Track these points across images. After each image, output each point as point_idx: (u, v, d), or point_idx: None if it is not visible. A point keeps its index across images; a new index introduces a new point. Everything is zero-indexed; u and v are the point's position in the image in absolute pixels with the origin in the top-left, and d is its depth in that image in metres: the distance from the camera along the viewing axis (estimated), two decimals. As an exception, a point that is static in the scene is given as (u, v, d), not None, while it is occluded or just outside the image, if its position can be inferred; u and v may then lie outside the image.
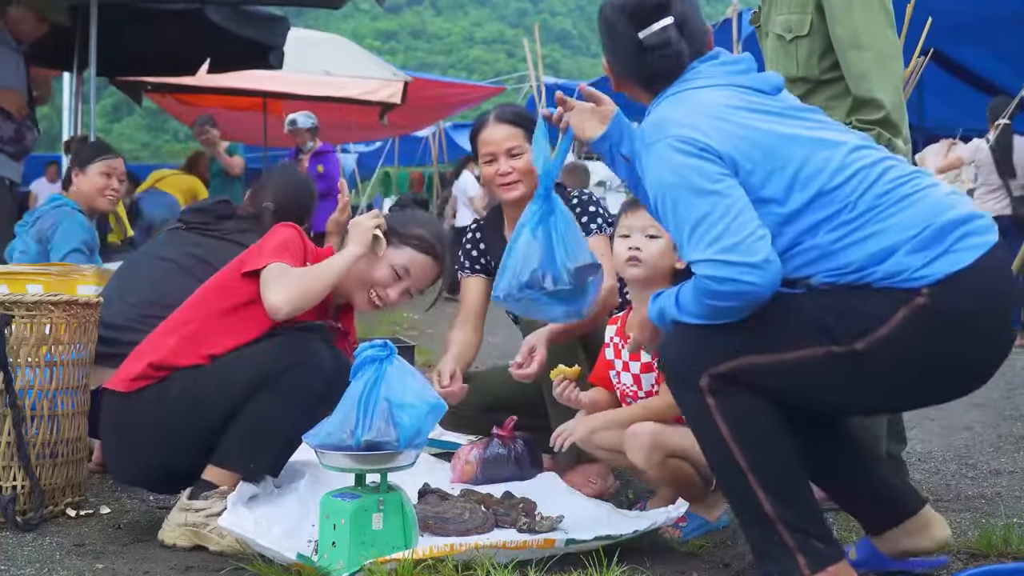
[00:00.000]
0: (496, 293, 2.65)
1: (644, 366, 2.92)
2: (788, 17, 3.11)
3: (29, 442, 2.90)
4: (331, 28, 24.11)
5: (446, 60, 52.51)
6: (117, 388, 2.75)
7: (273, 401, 2.67)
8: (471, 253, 3.53)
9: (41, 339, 2.94)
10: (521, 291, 2.58)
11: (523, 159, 3.29)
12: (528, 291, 2.57)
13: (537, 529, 2.63)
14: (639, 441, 2.74)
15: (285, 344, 2.72)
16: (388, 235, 2.94)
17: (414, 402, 2.47)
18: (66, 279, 3.37)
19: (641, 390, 2.95)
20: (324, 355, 2.76)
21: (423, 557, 2.42)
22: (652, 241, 2.83)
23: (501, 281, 2.61)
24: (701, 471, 2.79)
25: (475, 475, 3.21)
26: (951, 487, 3.43)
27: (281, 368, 2.68)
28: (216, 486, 2.70)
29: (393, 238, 2.95)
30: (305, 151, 8.97)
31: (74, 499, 3.03)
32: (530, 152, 3.07)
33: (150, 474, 2.80)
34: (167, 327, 2.83)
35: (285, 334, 2.75)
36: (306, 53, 9.24)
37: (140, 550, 2.68)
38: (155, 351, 2.76)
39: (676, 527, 2.75)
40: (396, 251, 2.94)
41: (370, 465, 2.47)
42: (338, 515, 2.41)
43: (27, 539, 2.76)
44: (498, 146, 3.31)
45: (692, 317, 2.21)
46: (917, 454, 3.91)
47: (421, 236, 2.97)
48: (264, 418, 2.68)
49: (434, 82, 14.57)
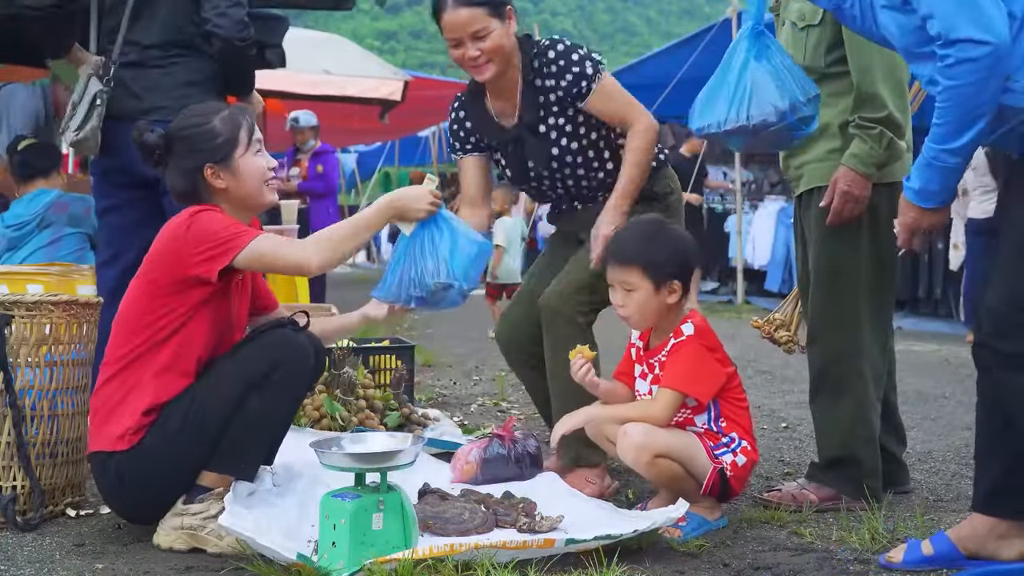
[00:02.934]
0: (727, 126, 2.80)
1: (655, 379, 2.92)
2: (803, 5, 3.12)
3: (29, 442, 2.90)
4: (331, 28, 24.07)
5: (446, 60, 52.14)
6: (116, 448, 2.68)
7: (263, 402, 2.69)
8: (459, 134, 3.45)
9: (41, 339, 2.94)
10: (781, 118, 2.74)
11: (490, 39, 3.14)
12: (785, 119, 2.77)
13: (537, 529, 2.63)
14: (629, 441, 2.76)
15: (268, 345, 2.75)
16: (222, 156, 2.83)
17: (464, 246, 2.88)
18: (66, 279, 3.38)
19: None
20: (307, 349, 2.79)
21: (423, 557, 2.42)
22: (630, 295, 2.87)
23: (732, 111, 2.77)
24: (692, 472, 2.80)
25: (475, 475, 3.20)
26: (951, 487, 3.42)
27: (267, 368, 2.70)
28: (210, 489, 2.70)
29: (224, 151, 2.83)
30: (304, 150, 8.97)
31: (74, 499, 3.03)
32: (497, 29, 3.10)
33: (169, 505, 2.74)
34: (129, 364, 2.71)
35: (267, 334, 2.78)
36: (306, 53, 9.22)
37: (140, 550, 2.68)
38: (140, 396, 2.69)
39: (676, 527, 2.75)
40: (236, 148, 2.84)
41: (370, 465, 2.47)
42: (338, 515, 2.41)
43: (27, 539, 2.76)
44: (462, 31, 3.15)
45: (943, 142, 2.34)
46: (917, 454, 3.91)
47: (222, 122, 2.85)
48: (254, 420, 2.70)
49: (434, 81, 14.56)
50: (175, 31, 3.49)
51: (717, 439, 2.86)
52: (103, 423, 2.71)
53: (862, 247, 3.10)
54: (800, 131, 2.89)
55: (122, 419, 2.68)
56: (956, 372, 6.27)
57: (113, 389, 2.72)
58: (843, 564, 2.57)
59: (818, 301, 3.16)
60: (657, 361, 2.91)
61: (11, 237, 4.39)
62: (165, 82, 3.48)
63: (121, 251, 3.57)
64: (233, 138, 2.84)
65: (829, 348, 3.15)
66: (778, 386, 5.66)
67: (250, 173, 2.85)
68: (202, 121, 2.85)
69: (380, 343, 4.49)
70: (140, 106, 3.45)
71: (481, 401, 5.15)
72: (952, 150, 2.37)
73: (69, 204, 4.42)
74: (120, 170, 3.52)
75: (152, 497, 2.72)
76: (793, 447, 4.07)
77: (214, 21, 3.41)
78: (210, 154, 2.81)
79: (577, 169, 3.28)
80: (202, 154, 2.81)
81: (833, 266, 3.13)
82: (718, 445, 2.85)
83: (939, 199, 2.48)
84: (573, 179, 3.31)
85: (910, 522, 2.89)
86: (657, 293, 2.85)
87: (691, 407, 2.87)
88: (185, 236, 2.70)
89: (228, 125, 2.85)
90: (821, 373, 3.19)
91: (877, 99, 2.97)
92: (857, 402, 3.11)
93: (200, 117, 2.86)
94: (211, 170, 2.81)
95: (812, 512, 3.03)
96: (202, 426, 2.67)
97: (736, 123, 2.80)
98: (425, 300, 2.95)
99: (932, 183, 2.45)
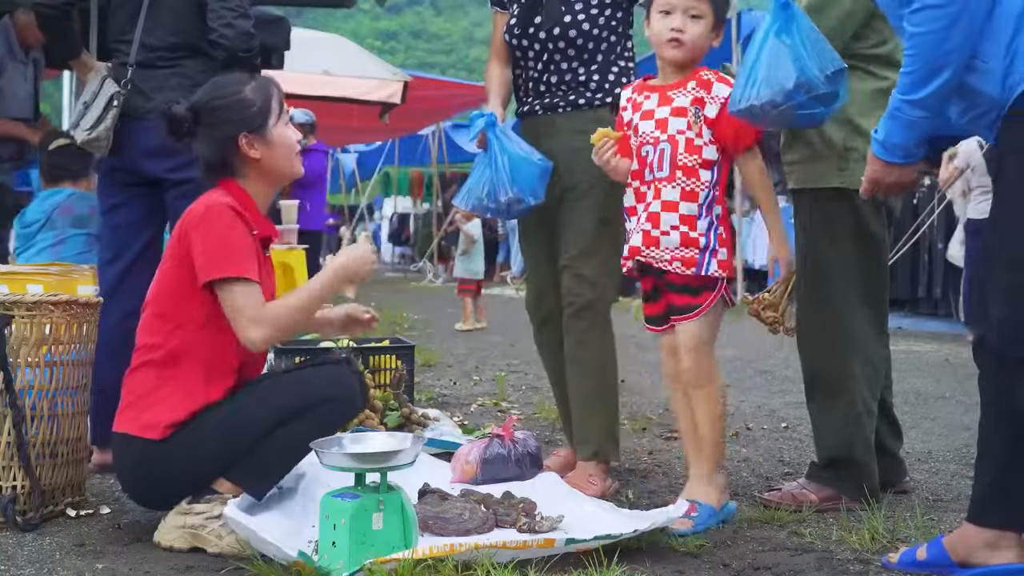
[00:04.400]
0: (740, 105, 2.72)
1: (676, 110, 2.91)
2: None
3: (29, 442, 2.90)
4: (331, 28, 24.08)
5: (446, 60, 52.50)
6: (145, 435, 2.68)
7: (302, 431, 2.67)
8: None
9: (41, 339, 2.94)
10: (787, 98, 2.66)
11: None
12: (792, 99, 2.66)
13: (537, 529, 2.63)
14: None
15: (324, 379, 2.79)
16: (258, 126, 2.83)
17: (525, 167, 3.14)
18: (66, 279, 3.36)
19: (665, 132, 2.91)
20: (356, 393, 2.84)
21: (423, 557, 2.42)
22: (695, 22, 2.87)
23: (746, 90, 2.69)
24: None
25: (475, 475, 3.20)
26: (951, 487, 3.42)
27: (316, 402, 2.73)
28: (218, 492, 2.71)
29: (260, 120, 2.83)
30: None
31: (74, 499, 3.03)
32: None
33: (179, 500, 2.74)
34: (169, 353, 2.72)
35: (325, 368, 2.83)
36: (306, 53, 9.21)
37: (140, 550, 2.67)
38: (184, 393, 2.69)
39: (688, 518, 2.77)
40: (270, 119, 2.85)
41: (370, 465, 2.47)
42: (338, 515, 2.41)
43: (27, 539, 2.76)
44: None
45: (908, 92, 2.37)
46: (917, 454, 3.91)
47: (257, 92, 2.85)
48: (286, 444, 2.70)
49: (434, 81, 14.55)
50: (181, 34, 3.50)
51: (701, 247, 2.88)
52: (136, 407, 2.71)
53: (849, 249, 3.11)
54: (818, 110, 2.75)
55: (159, 409, 2.69)
56: (956, 372, 6.27)
57: (150, 376, 2.72)
58: (843, 564, 2.57)
59: (806, 303, 3.17)
60: (683, 94, 2.90)
61: (22, 234, 4.43)
62: (172, 81, 3.49)
63: (122, 251, 3.57)
64: (266, 107, 2.84)
65: (819, 350, 3.17)
66: (778, 386, 5.66)
67: (283, 142, 2.86)
68: (234, 91, 2.84)
69: (380, 343, 4.49)
70: (147, 104, 3.46)
71: (481, 401, 5.15)
72: (914, 101, 2.41)
73: (74, 205, 4.43)
74: (125, 168, 3.53)
75: (166, 489, 2.72)
76: (793, 447, 4.07)
77: (220, 31, 3.41)
78: (245, 123, 2.80)
79: (569, 49, 3.27)
80: (236, 124, 2.80)
81: (820, 269, 3.14)
82: (706, 249, 2.88)
83: (901, 154, 2.52)
84: (564, 58, 3.29)
85: (910, 522, 2.89)
86: (712, 30, 2.90)
87: None
88: (196, 228, 2.70)
89: (260, 94, 2.85)
90: (813, 375, 3.21)
91: None
92: (850, 402, 3.11)
93: (232, 87, 2.85)
94: (246, 139, 2.80)
95: (812, 512, 3.03)
96: (237, 439, 2.68)
97: (746, 103, 2.72)
98: (499, 211, 3.25)
99: (894, 135, 2.49)
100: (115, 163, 3.56)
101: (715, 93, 2.90)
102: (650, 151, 2.93)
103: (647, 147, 2.94)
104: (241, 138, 2.80)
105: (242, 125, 2.80)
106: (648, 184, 2.94)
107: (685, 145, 2.89)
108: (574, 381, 3.32)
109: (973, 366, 2.49)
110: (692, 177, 2.89)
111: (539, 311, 3.50)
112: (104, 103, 3.45)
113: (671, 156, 2.89)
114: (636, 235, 2.96)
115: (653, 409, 4.85)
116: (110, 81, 3.48)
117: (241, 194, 2.82)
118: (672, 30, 2.87)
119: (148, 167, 3.47)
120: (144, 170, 3.48)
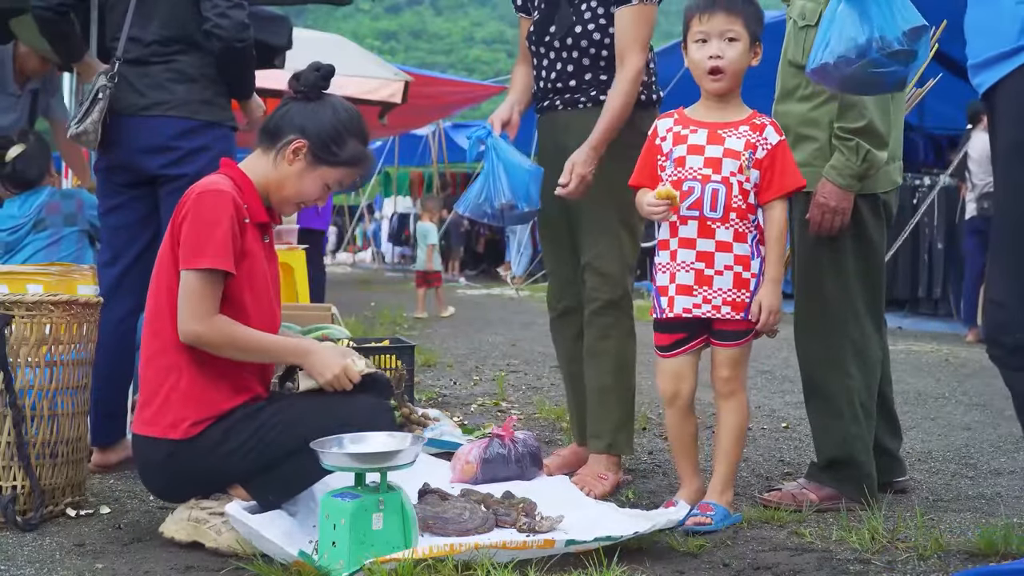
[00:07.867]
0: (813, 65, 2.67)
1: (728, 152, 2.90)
2: (804, 4, 3.13)
3: (29, 442, 2.90)
4: (331, 28, 24.10)
5: (446, 60, 52.47)
6: (168, 436, 2.66)
7: None
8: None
9: (41, 339, 2.94)
10: (860, 54, 2.58)
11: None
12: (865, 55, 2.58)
13: (537, 529, 2.64)
14: None
15: (364, 410, 2.72)
16: (319, 157, 2.81)
17: (518, 174, 3.19)
18: (66, 279, 3.37)
19: (719, 173, 2.90)
20: (393, 427, 2.79)
21: (423, 557, 2.42)
22: (732, 45, 2.86)
23: (820, 51, 2.63)
24: None
25: (475, 475, 3.21)
26: (951, 487, 3.43)
27: (352, 430, 2.64)
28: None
29: (327, 158, 2.82)
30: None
31: (74, 499, 3.03)
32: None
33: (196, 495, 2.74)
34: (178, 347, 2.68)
35: (367, 400, 2.75)
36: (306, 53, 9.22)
37: (140, 550, 2.68)
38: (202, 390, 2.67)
39: (706, 516, 2.81)
40: (330, 170, 2.84)
41: (370, 465, 2.47)
42: (338, 515, 2.41)
43: (27, 539, 2.76)
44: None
45: None
46: (917, 454, 3.91)
47: (354, 153, 2.86)
48: (309, 466, 2.58)
49: (435, 79, 14.53)
50: (176, 27, 3.50)
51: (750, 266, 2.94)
52: (153, 405, 2.69)
53: (845, 253, 3.12)
54: (896, 68, 2.61)
55: (181, 408, 2.67)
56: (956, 372, 6.26)
57: (162, 371, 2.69)
58: (843, 564, 2.57)
59: (802, 306, 3.17)
60: (736, 135, 2.90)
61: (7, 241, 4.37)
62: (167, 77, 3.48)
63: (121, 252, 3.57)
64: (339, 159, 2.82)
65: (815, 352, 3.18)
66: (778, 386, 5.66)
67: (307, 186, 2.83)
68: (355, 123, 2.85)
69: (380, 343, 4.49)
70: (142, 101, 3.45)
71: (481, 401, 5.15)
72: None
73: (60, 203, 4.41)
74: (122, 167, 3.53)
75: (183, 487, 2.73)
76: (793, 447, 4.07)
77: (214, 21, 3.41)
78: (319, 139, 2.79)
79: (583, 59, 3.32)
80: (319, 132, 2.79)
81: (815, 273, 3.15)
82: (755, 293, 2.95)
83: None
84: (578, 62, 3.33)
85: (910, 522, 2.88)
86: (749, 49, 2.89)
87: None
88: (186, 217, 2.68)
89: (354, 152, 2.84)
90: (810, 376, 3.22)
91: (857, 107, 2.97)
92: (848, 403, 3.12)
93: (359, 124, 2.86)
94: (305, 149, 2.79)
95: (812, 512, 3.03)
96: (263, 453, 2.67)
97: (819, 62, 2.64)
98: (496, 217, 3.30)
99: None
100: (111, 161, 3.55)
101: (767, 136, 2.92)
102: (696, 187, 2.91)
103: (693, 183, 2.91)
104: (305, 143, 2.79)
105: (317, 139, 2.79)
106: (687, 220, 2.93)
107: (739, 188, 2.90)
108: (592, 374, 3.34)
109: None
110: (743, 220, 2.91)
111: (560, 302, 3.54)
112: (91, 97, 3.45)
113: (725, 199, 2.89)
114: (685, 273, 2.93)
115: (653, 409, 4.85)
116: (101, 76, 3.48)
117: (241, 176, 2.80)
118: (711, 58, 2.88)
119: (143, 163, 3.47)
120: (139, 166, 3.47)
